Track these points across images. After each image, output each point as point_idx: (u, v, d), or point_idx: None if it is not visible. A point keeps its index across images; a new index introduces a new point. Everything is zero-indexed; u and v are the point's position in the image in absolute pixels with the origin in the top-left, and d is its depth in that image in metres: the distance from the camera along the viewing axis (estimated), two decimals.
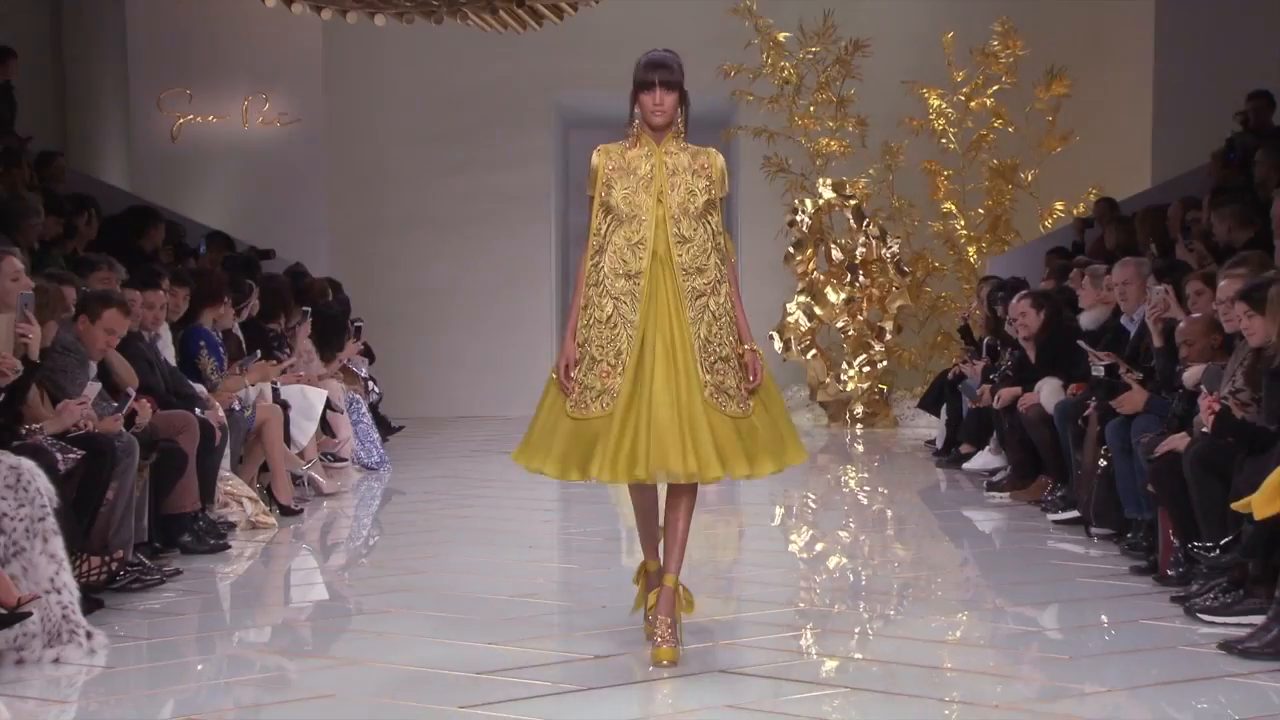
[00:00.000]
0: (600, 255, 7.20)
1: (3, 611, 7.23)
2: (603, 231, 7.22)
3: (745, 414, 7.10)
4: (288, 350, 14.39)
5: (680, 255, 7.13)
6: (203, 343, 12.10)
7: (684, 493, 7.18)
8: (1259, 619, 7.67)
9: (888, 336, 20.36)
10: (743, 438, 7.09)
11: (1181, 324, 10.09)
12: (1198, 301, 10.03)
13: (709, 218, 7.22)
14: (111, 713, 6.87)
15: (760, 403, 7.20)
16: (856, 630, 8.53)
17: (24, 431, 8.38)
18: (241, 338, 13.02)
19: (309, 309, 15.34)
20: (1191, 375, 9.53)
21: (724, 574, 10.06)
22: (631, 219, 7.16)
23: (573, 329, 7.22)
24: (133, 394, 9.60)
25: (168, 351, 11.51)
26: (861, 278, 20.28)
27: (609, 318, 7.13)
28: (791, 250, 20.30)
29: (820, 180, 20.55)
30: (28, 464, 7.72)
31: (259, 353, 12.89)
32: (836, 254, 20.31)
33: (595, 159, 7.27)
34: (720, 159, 7.32)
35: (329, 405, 14.13)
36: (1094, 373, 11.19)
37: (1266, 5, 17.82)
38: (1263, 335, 8.32)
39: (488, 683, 7.04)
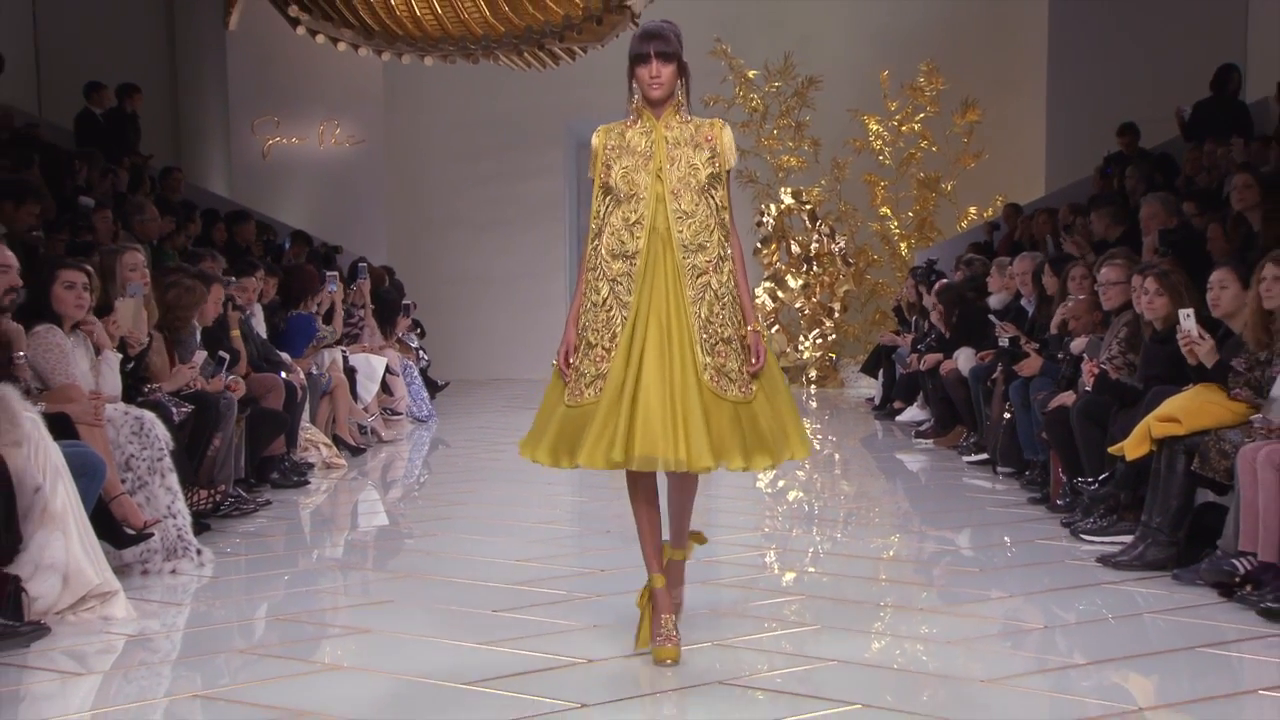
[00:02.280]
0: (599, 238, 5.77)
1: (132, 532, 7.29)
2: (601, 214, 5.80)
3: (747, 399, 5.62)
4: (360, 313, 14.49)
5: (681, 232, 5.67)
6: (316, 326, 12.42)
7: (685, 481, 5.85)
8: (1128, 538, 7.74)
9: (836, 315, 20.40)
10: (742, 426, 5.59)
11: (1069, 304, 10.17)
12: (1082, 285, 10.09)
13: (712, 192, 5.74)
14: (217, 613, 6.90)
15: (763, 389, 5.70)
16: (810, 550, 8.57)
17: (146, 390, 8.44)
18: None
19: (365, 262, 15.47)
20: (1077, 345, 9.60)
21: (702, 504, 10.09)
22: (630, 198, 5.72)
23: (574, 315, 5.78)
24: (226, 358, 9.64)
25: (260, 327, 11.56)
26: (815, 267, 20.33)
27: (604, 301, 5.68)
28: (759, 245, 20.32)
29: (782, 189, 20.59)
30: (149, 415, 7.79)
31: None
32: (795, 248, 20.36)
33: (595, 140, 5.83)
34: (727, 130, 5.81)
35: (388, 370, 14.21)
36: (1000, 343, 11.26)
37: (1137, 47, 17.88)
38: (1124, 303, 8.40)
39: (516, 592, 7.08)
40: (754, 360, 5.68)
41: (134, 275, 8.97)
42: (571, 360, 5.71)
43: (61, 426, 6.93)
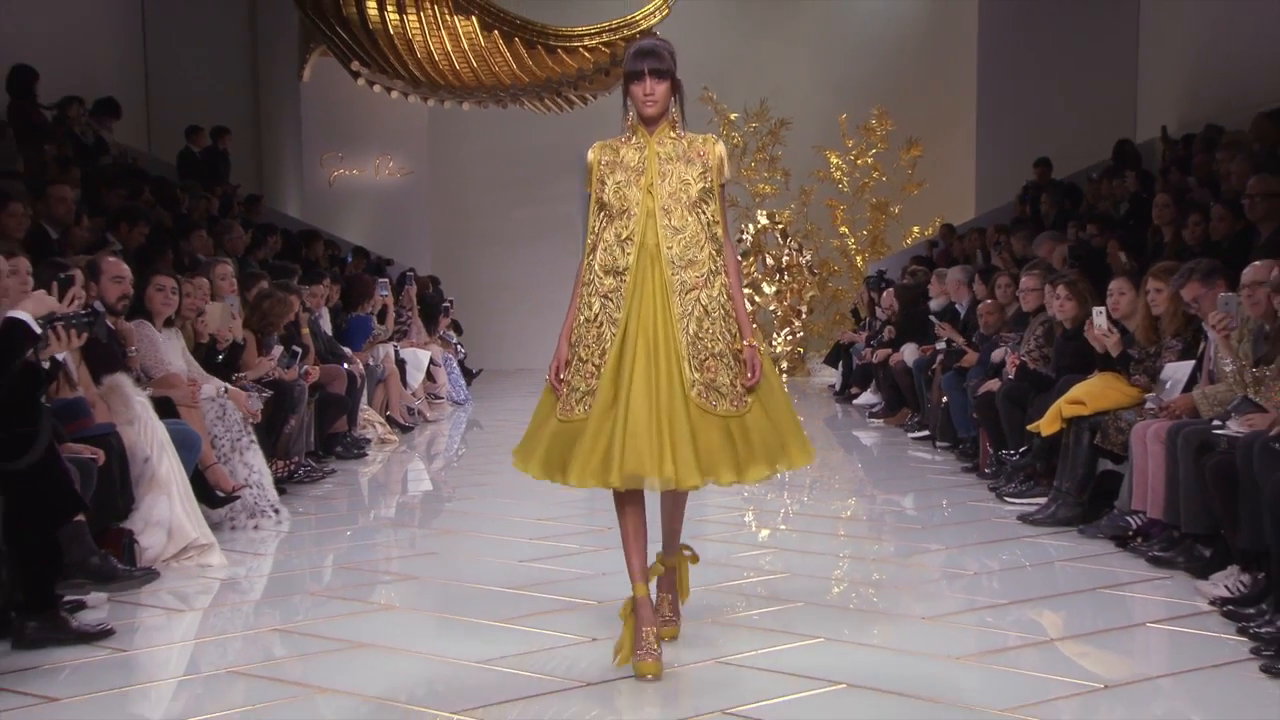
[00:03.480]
0: (593, 254, 4.86)
1: (222, 494, 7.34)
2: (596, 229, 4.89)
3: (739, 412, 4.69)
4: (406, 315, 14.53)
5: (670, 248, 4.75)
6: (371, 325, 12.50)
7: (676, 495, 4.98)
8: (1043, 500, 7.77)
9: (803, 316, 20.37)
10: (733, 440, 4.69)
11: (982, 305, 10.31)
12: (1006, 292, 10.12)
13: (704, 207, 4.82)
14: (293, 562, 6.95)
15: (759, 401, 4.76)
16: (781, 510, 8.59)
17: (234, 379, 8.47)
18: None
19: (412, 272, 15.57)
20: (996, 355, 9.65)
21: None
22: (622, 213, 4.81)
23: (567, 331, 4.86)
24: (299, 351, 9.68)
25: (326, 326, 11.59)
26: (786, 277, 20.30)
27: (595, 316, 4.78)
28: (740, 258, 20.31)
29: (758, 212, 20.57)
30: (230, 402, 7.82)
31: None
32: (769, 261, 20.32)
33: (590, 155, 4.96)
34: (720, 145, 4.91)
35: (431, 361, 14.24)
36: (938, 343, 11.29)
37: (1050, 96, 18.06)
38: (1039, 306, 8.46)
39: (537, 546, 7.11)
40: (749, 375, 4.73)
41: (224, 284, 9.04)
42: (563, 375, 4.82)
43: (165, 408, 6.99)
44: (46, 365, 5.80)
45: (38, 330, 5.06)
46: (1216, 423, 6.18)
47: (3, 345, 4.97)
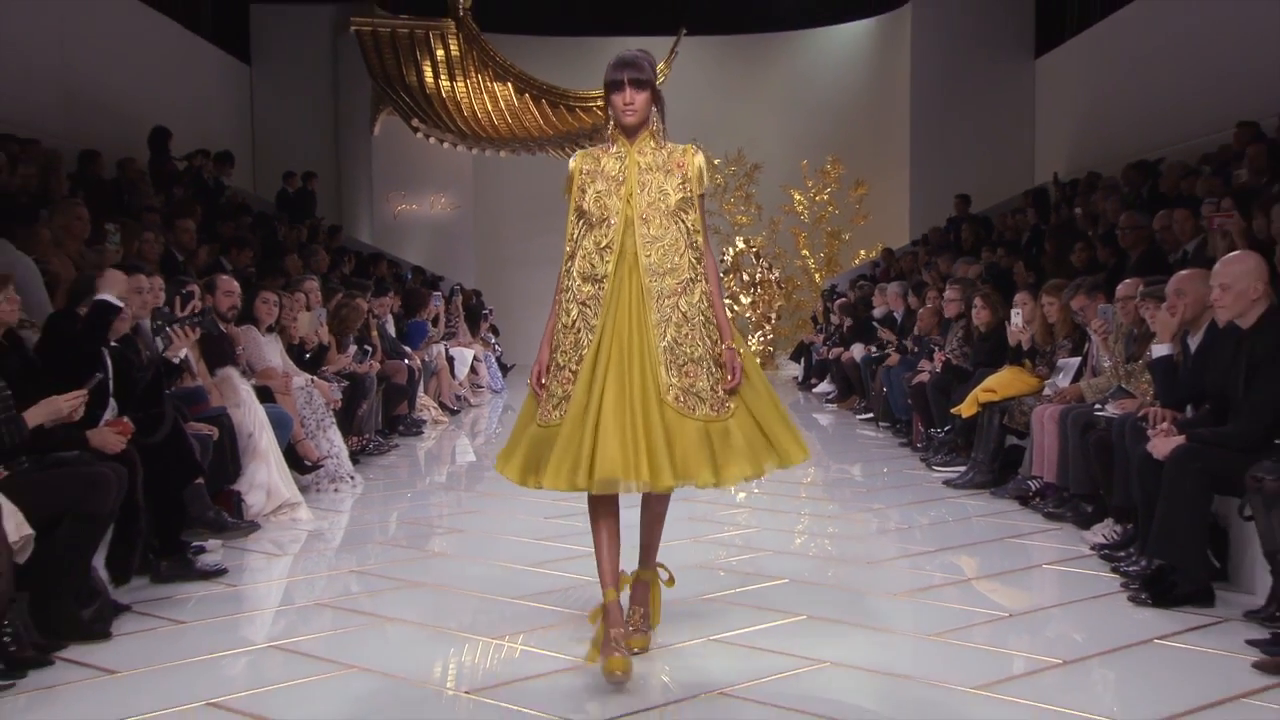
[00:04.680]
0: (572, 261, 4.06)
1: (309, 464, 7.40)
2: (575, 237, 4.09)
3: (719, 416, 3.86)
4: (454, 321, 14.56)
5: (648, 256, 3.94)
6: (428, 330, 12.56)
7: (656, 500, 4.18)
8: (963, 468, 7.82)
9: (773, 321, 20.39)
10: (711, 442, 3.84)
11: (921, 310, 10.35)
12: (936, 301, 10.18)
13: (683, 216, 4.00)
14: (366, 517, 6.97)
15: (742, 403, 3.93)
16: (756, 482, 8.63)
17: (318, 372, 8.52)
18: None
19: (459, 285, 15.66)
20: (922, 363, 9.71)
21: None
22: (601, 222, 4.00)
23: (548, 337, 4.04)
24: (370, 349, 9.72)
25: (390, 329, 11.62)
26: (759, 290, 20.32)
27: (573, 323, 3.97)
28: (721, 276, 20.29)
29: (737, 238, 20.60)
30: (316, 390, 7.87)
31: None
32: (745, 277, 20.36)
33: (571, 164, 4.18)
34: (699, 156, 4.07)
35: (475, 358, 14.26)
36: (881, 344, 11.33)
37: (968, 146, 18.24)
38: (960, 313, 8.46)
39: (561, 506, 7.18)
40: (729, 378, 3.92)
41: (311, 297, 9.08)
42: (544, 380, 4.02)
43: (264, 394, 7.06)
44: (177, 360, 5.95)
45: (119, 305, 5.12)
46: (1098, 407, 6.25)
47: (99, 321, 5.05)
